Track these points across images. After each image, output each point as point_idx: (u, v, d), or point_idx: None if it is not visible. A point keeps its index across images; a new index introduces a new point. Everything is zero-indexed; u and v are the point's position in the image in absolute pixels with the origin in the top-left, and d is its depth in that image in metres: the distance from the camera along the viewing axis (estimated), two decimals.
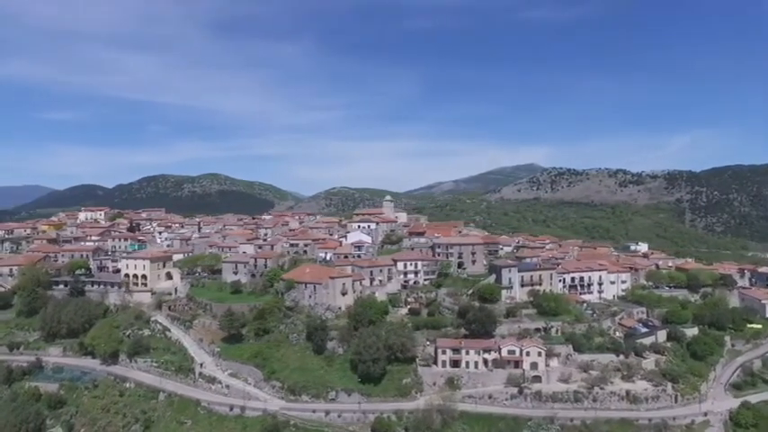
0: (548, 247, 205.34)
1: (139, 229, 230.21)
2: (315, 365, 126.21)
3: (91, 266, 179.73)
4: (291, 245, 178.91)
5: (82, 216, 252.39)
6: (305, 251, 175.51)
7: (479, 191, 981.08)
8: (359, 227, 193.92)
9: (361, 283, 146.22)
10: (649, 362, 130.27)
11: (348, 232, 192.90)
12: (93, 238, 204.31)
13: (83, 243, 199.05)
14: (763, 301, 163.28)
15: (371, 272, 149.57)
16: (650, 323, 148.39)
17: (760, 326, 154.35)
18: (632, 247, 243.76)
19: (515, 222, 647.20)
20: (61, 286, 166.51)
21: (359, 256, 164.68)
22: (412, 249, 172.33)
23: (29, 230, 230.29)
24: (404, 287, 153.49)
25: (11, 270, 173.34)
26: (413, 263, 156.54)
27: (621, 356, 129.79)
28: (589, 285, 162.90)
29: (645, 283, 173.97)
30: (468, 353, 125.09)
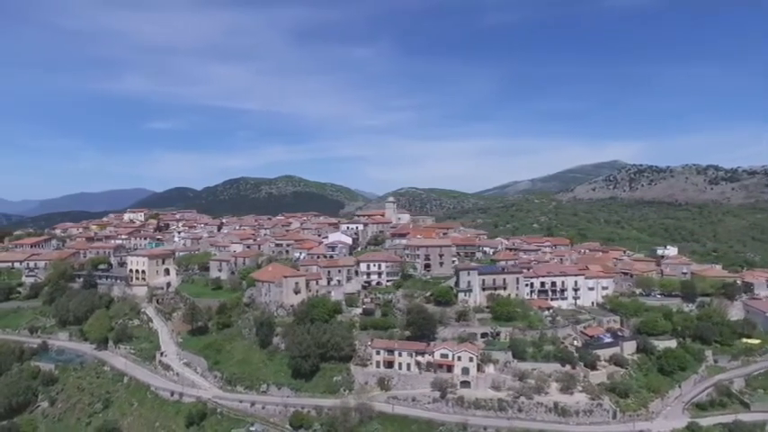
0: (544, 249, 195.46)
1: (167, 229, 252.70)
2: (256, 359, 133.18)
3: (111, 262, 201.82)
4: (277, 245, 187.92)
5: (126, 217, 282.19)
6: (287, 251, 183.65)
7: (555, 190, 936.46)
8: (347, 228, 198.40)
9: (317, 282, 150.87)
10: (599, 374, 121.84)
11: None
12: (122, 236, 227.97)
13: (111, 241, 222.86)
14: None
15: (329, 272, 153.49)
16: (619, 333, 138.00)
17: (758, 341, 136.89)
18: (659, 251, 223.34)
19: (584, 223, 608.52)
20: (82, 279, 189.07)
21: (332, 257, 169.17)
22: (387, 250, 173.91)
23: (81, 230, 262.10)
24: (365, 287, 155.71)
25: (45, 264, 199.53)
26: (376, 264, 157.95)
27: (568, 366, 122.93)
28: (563, 291, 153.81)
29: (635, 290, 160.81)
30: (401, 354, 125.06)
